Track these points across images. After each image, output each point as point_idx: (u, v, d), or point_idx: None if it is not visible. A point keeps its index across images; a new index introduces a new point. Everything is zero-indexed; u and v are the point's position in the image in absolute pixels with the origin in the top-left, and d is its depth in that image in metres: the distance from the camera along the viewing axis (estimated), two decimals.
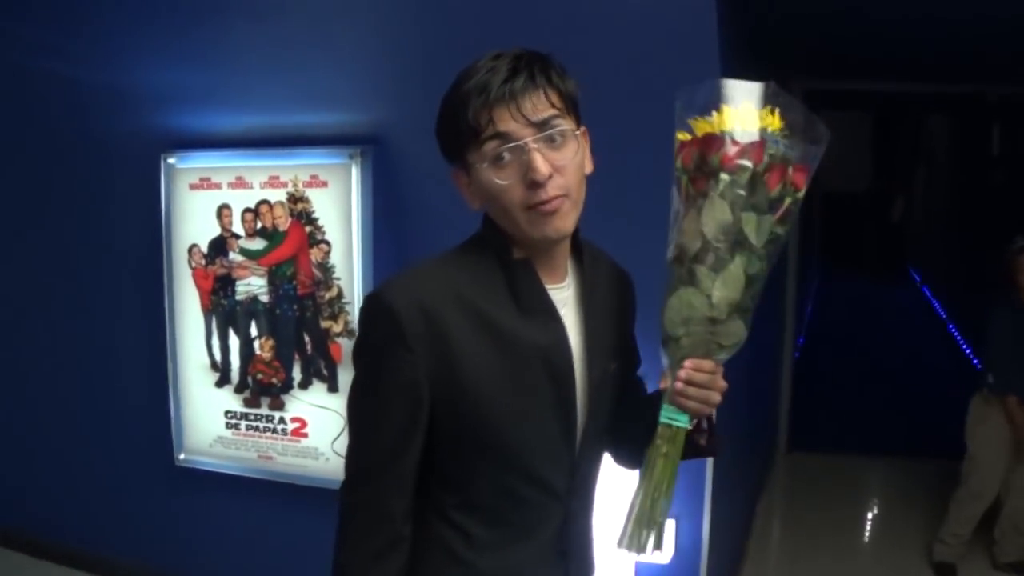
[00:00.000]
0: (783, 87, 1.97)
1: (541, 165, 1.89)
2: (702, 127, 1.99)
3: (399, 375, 1.96)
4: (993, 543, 6.15)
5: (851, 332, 15.17)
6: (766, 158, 1.95)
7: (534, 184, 1.90)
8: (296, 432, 4.75)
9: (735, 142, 1.95)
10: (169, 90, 4.95)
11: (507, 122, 1.90)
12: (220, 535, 5.26)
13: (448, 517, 2.08)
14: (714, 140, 1.97)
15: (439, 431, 2.02)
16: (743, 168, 1.95)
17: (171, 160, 4.85)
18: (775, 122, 1.97)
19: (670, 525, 4.01)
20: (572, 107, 2.00)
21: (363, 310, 2.04)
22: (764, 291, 2.07)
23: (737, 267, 1.99)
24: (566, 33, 4.13)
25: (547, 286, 2.06)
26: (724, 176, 1.95)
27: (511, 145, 1.91)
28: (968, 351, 11.67)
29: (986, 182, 12.38)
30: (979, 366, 6.37)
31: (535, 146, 1.90)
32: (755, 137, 1.96)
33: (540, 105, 1.91)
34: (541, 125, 1.91)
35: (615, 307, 2.25)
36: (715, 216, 1.96)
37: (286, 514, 4.90)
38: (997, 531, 6.12)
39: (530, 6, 4.18)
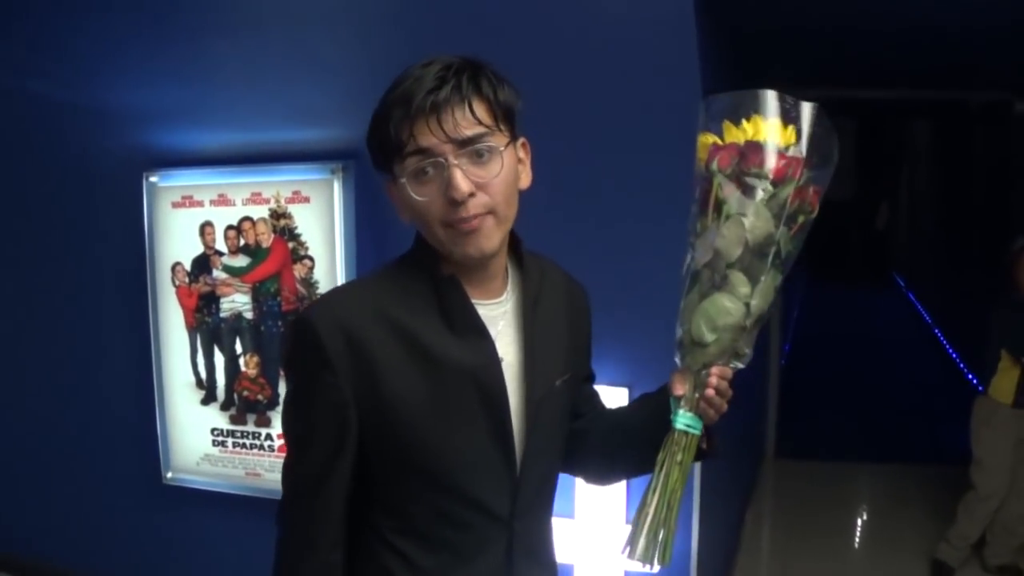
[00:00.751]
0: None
1: (461, 182, 1.85)
2: (734, 134, 1.97)
3: (324, 397, 1.94)
4: (984, 545, 6.15)
5: (837, 338, 15.18)
6: (805, 174, 1.96)
7: (453, 201, 1.86)
8: (283, 448, 4.73)
9: (783, 155, 1.94)
10: (149, 108, 4.94)
11: (427, 137, 1.86)
12: (208, 553, 5.24)
13: (389, 542, 2.05)
14: (758, 149, 1.95)
15: (371, 453, 2.00)
16: (788, 181, 1.94)
17: (153, 179, 4.84)
18: (791, 136, 1.96)
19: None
20: (505, 120, 1.95)
21: (291, 332, 2.02)
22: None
23: (772, 279, 1.99)
24: (546, 45, 4.15)
25: (480, 302, 2.03)
26: (769, 187, 1.94)
27: (431, 160, 1.87)
28: (955, 356, 11.69)
29: (969, 188, 12.42)
30: (972, 377, 6.38)
31: (455, 162, 1.86)
32: (802, 153, 1.95)
33: (463, 121, 1.86)
34: (464, 142, 1.86)
35: (564, 321, 2.21)
36: (760, 224, 1.95)
37: (274, 532, 4.89)
38: (988, 533, 6.12)
39: (510, 20, 4.20)
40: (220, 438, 4.91)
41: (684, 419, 2.01)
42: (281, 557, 2.05)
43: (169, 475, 5.09)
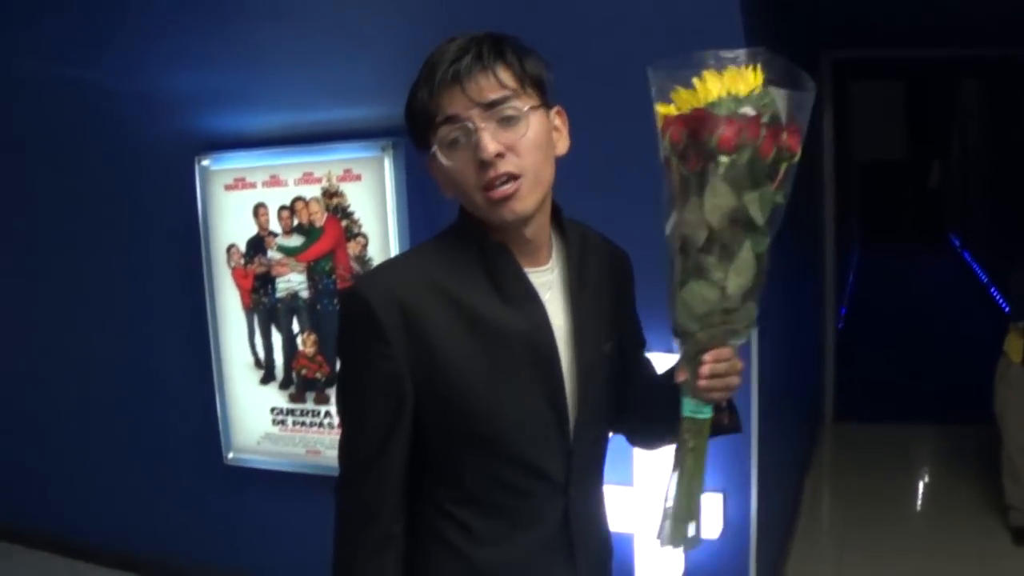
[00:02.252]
0: (813, 58, 1.95)
1: (488, 143, 1.86)
2: (685, 99, 1.90)
3: (379, 369, 1.95)
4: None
5: (893, 300, 15.09)
6: (762, 131, 1.85)
7: (483, 164, 1.88)
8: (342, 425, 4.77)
9: (730, 120, 1.84)
10: (199, 92, 4.99)
11: (454, 104, 1.88)
12: (272, 532, 5.29)
13: (446, 511, 2.05)
14: (705, 118, 1.86)
15: (427, 423, 2.00)
16: (743, 147, 1.85)
17: (205, 162, 4.89)
18: (757, 80, 1.88)
19: (717, 500, 4.03)
20: (533, 86, 1.96)
21: (341, 304, 2.06)
22: (771, 265, 1.99)
23: (747, 252, 1.92)
24: (590, 20, 4.15)
25: (528, 269, 2.03)
26: (723, 159, 1.85)
27: (459, 126, 1.89)
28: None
29: (1021, 144, 12.30)
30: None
31: (482, 125, 1.87)
32: (750, 112, 1.85)
33: (487, 85, 1.88)
34: (488, 105, 1.88)
35: (608, 287, 2.21)
36: (718, 203, 1.87)
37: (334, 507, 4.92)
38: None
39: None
40: (280, 417, 4.96)
41: (690, 406, 2.01)
42: (341, 530, 2.06)
43: (231, 455, 5.15)
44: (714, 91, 1.87)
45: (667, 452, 2.12)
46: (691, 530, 2.05)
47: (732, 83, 1.87)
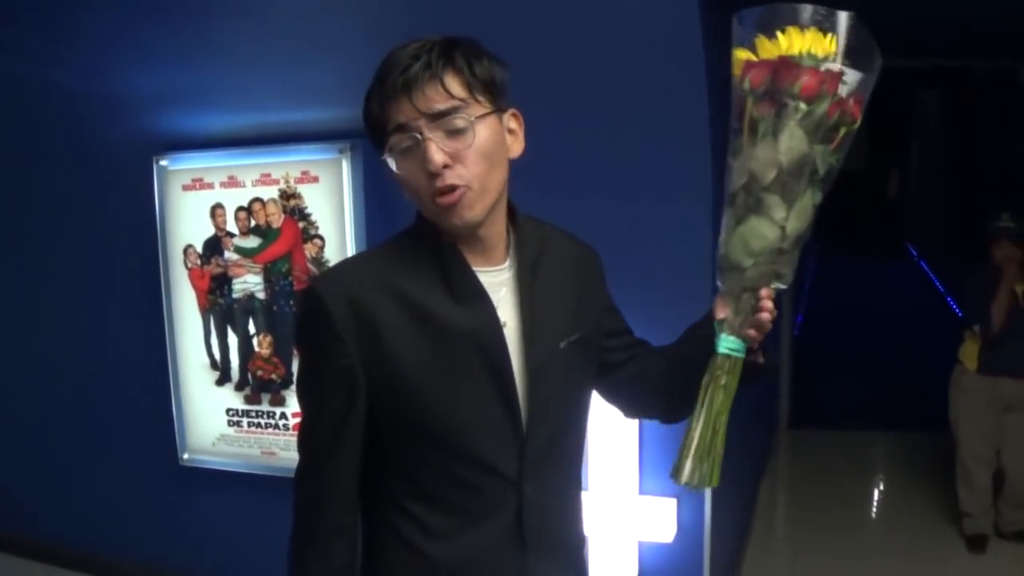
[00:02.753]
0: None
1: (434, 155, 1.89)
2: (769, 49, 1.94)
3: (333, 364, 2.00)
4: (997, 514, 6.19)
5: (849, 308, 15.18)
6: (842, 89, 1.92)
7: (430, 174, 1.91)
8: (298, 426, 4.76)
9: (815, 71, 1.90)
10: (158, 92, 4.97)
11: (403, 114, 1.91)
12: (227, 533, 5.28)
13: (402, 506, 2.08)
14: (791, 65, 1.91)
15: (380, 419, 2.04)
16: (822, 98, 1.91)
17: (163, 162, 4.87)
18: (831, 47, 1.91)
19: (671, 505, 4.06)
20: (485, 91, 1.97)
21: (299, 302, 2.13)
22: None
23: (808, 198, 1.99)
24: (551, 23, 4.16)
25: (482, 269, 2.06)
26: (803, 105, 1.91)
27: (408, 135, 1.92)
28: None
29: (978, 156, 12.40)
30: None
31: (429, 136, 1.90)
32: (835, 67, 1.91)
33: (434, 95, 1.91)
34: (435, 115, 1.91)
35: (570, 284, 2.22)
36: (793, 145, 1.93)
37: (291, 508, 4.92)
38: (1000, 502, 6.17)
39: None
40: (235, 418, 4.95)
41: (727, 343, 2.03)
42: (297, 519, 2.11)
43: (185, 456, 5.13)
44: (796, 46, 1.91)
45: (628, 458, 2.14)
46: (711, 468, 2.06)
47: (814, 43, 1.91)
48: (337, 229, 4.51)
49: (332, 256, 4.53)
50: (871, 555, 6.14)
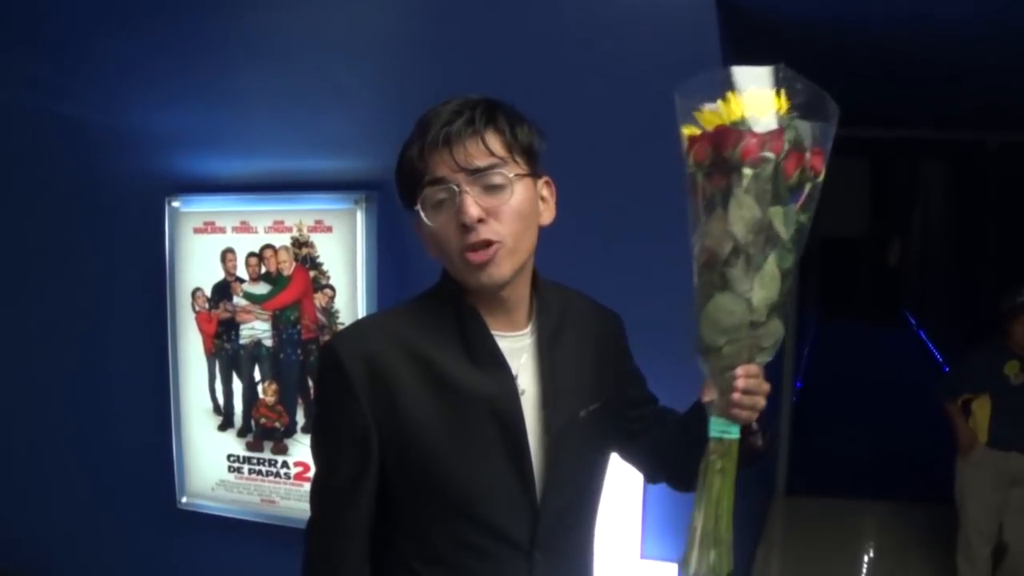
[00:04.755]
0: None
1: (470, 207, 1.91)
2: (710, 119, 1.93)
3: (348, 423, 2.00)
4: None
5: (848, 376, 15.17)
6: (785, 145, 1.89)
7: (464, 227, 1.92)
8: (299, 476, 4.76)
9: (753, 133, 1.88)
10: (173, 133, 4.97)
11: (442, 167, 1.94)
12: None
13: (411, 568, 2.06)
14: (729, 132, 1.90)
15: (393, 481, 2.03)
16: (766, 159, 1.88)
17: (175, 204, 4.87)
18: (781, 104, 1.90)
19: (672, 571, 4.04)
20: (523, 154, 2.01)
21: (319, 358, 2.11)
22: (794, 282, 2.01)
23: (772, 265, 1.93)
24: (567, 64, 4.17)
25: (503, 334, 2.06)
26: (747, 170, 1.88)
27: (444, 188, 1.94)
28: None
29: (982, 228, 12.42)
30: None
31: (467, 189, 1.92)
32: (773, 124, 1.89)
33: (475, 151, 1.93)
34: (475, 171, 1.93)
35: (592, 350, 2.22)
36: (743, 214, 1.90)
37: (288, 559, 4.88)
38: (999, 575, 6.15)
39: (536, 49, 4.23)
40: (236, 464, 4.92)
41: (718, 426, 1.99)
42: (308, 570, 2.10)
43: (184, 500, 5.10)
44: (737, 111, 1.89)
45: (630, 521, 2.15)
46: (720, 557, 2.02)
47: (755, 105, 1.90)
48: (348, 280, 4.51)
49: (342, 307, 4.53)
50: None
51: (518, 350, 2.08)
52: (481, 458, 2.01)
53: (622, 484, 4.02)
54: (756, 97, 1.90)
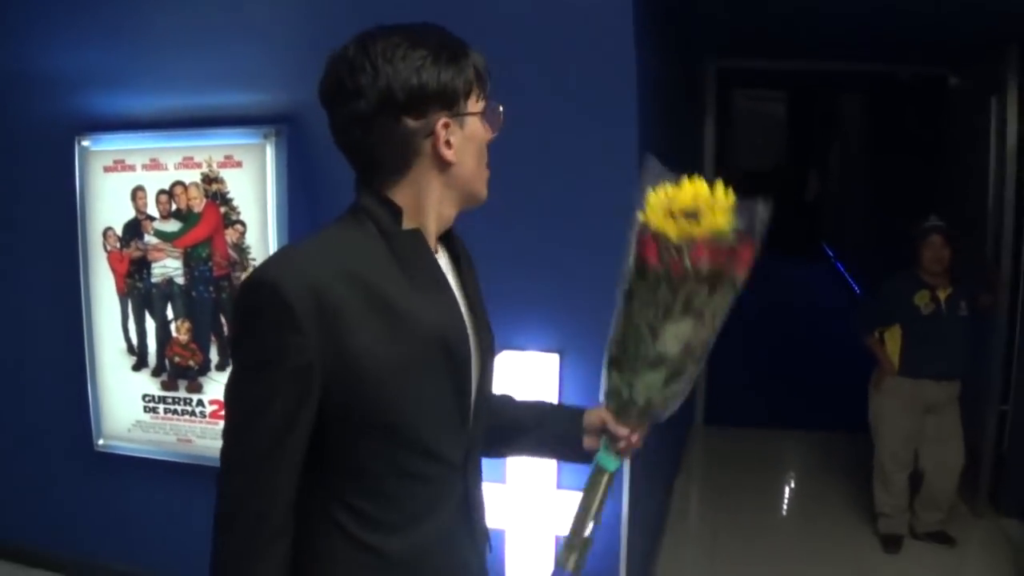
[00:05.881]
0: (698, 65, 2.03)
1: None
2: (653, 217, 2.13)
3: (288, 359, 1.86)
4: (912, 514, 6.26)
5: (766, 308, 15.27)
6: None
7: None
8: (215, 415, 4.74)
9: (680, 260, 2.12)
10: (80, 72, 4.90)
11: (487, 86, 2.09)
12: (142, 519, 5.23)
13: (348, 503, 2.01)
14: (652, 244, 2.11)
15: (331, 414, 1.94)
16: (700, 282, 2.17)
17: (85, 143, 4.81)
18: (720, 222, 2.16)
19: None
20: None
21: (246, 294, 1.93)
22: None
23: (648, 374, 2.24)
24: (479, 11, 4.14)
25: None
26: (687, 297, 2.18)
27: (498, 107, 2.10)
28: None
29: (898, 160, 12.51)
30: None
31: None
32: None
33: None
34: None
35: (475, 275, 2.26)
36: (683, 333, 2.23)
37: (207, 497, 4.85)
38: (915, 502, 6.24)
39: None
40: (151, 404, 4.90)
41: (611, 463, 2.31)
42: (227, 523, 1.96)
43: (101, 442, 5.08)
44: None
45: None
46: (585, 555, 2.30)
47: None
48: (259, 215, 4.48)
49: (253, 242, 4.50)
50: (785, 553, 6.18)
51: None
52: (427, 384, 1.99)
53: None
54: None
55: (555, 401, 2.52)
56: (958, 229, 6.11)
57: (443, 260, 2.12)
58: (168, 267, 4.71)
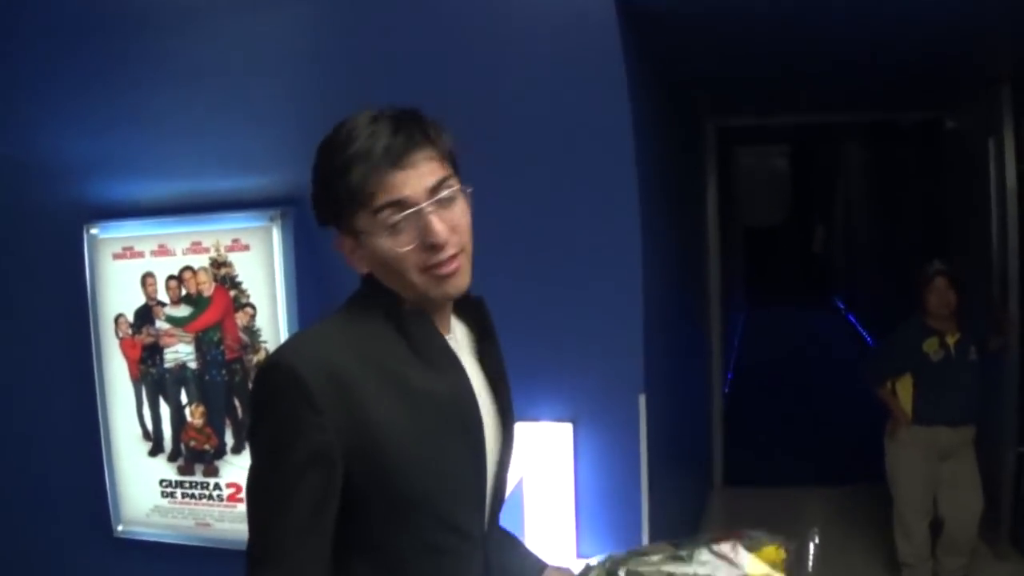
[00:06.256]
0: (697, 125, 2.05)
1: (440, 228, 1.90)
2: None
3: (309, 442, 1.85)
4: (935, 561, 6.24)
5: (779, 363, 15.27)
6: None
7: (432, 247, 1.91)
8: (232, 497, 4.74)
9: None
10: (88, 160, 4.93)
11: (400, 188, 1.90)
12: None
13: None
14: None
15: (354, 493, 1.92)
16: None
17: (93, 231, 4.83)
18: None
19: None
20: (452, 162, 2.01)
21: (262, 380, 1.95)
22: None
23: None
24: (477, 90, 4.20)
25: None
26: None
27: (407, 212, 1.90)
28: None
29: (903, 208, 12.53)
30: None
31: (430, 209, 1.91)
32: None
33: (427, 169, 1.92)
34: (433, 188, 1.92)
35: (493, 338, 2.24)
36: None
37: None
38: (938, 549, 6.22)
39: (442, 62, 4.26)
40: (169, 489, 4.90)
41: None
42: None
43: (120, 528, 5.06)
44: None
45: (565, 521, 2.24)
46: None
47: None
48: (268, 297, 4.50)
49: (264, 324, 4.52)
50: None
51: (454, 350, 2.08)
52: (447, 459, 1.99)
53: (555, 483, 4.04)
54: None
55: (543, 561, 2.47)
56: (964, 272, 6.13)
57: (460, 331, 2.14)
58: (180, 352, 4.72)
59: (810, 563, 2.38)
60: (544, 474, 4.04)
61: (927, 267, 6.10)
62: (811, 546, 2.42)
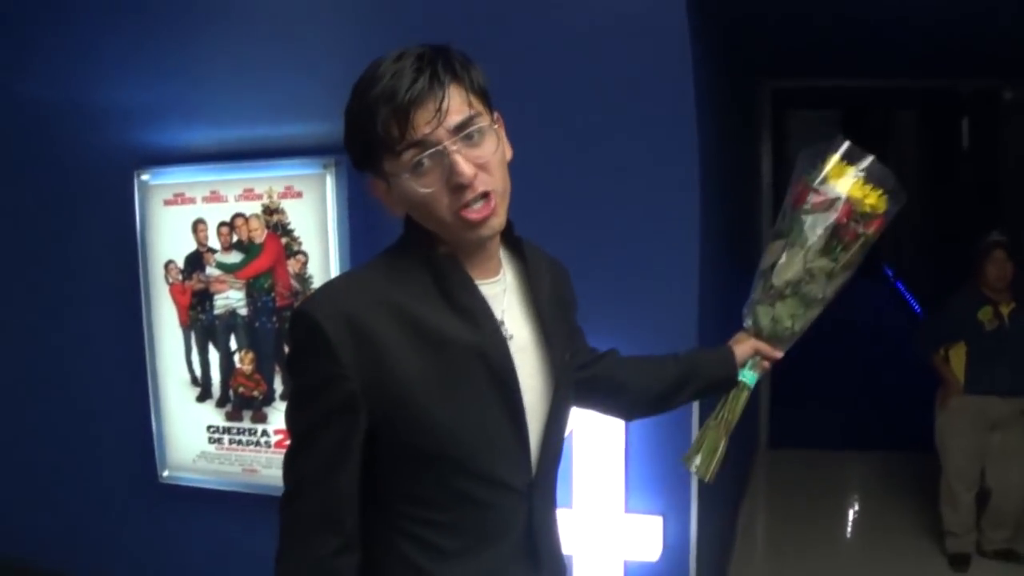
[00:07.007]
0: (753, 87, 2.05)
1: (464, 167, 1.85)
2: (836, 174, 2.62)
3: (331, 389, 1.89)
4: (980, 531, 6.20)
5: (828, 329, 15.19)
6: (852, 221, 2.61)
7: (459, 187, 1.87)
8: (279, 444, 4.75)
9: (820, 193, 2.62)
10: (140, 106, 4.93)
11: (421, 128, 1.85)
12: (206, 550, 5.22)
13: (408, 531, 2.00)
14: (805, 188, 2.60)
15: (382, 442, 1.95)
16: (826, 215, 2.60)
17: (144, 177, 4.84)
18: (867, 192, 2.62)
19: (657, 523, 4.04)
20: (482, 97, 1.95)
21: (290, 326, 1.99)
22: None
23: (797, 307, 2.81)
24: (536, 34, 4.16)
25: (480, 281, 2.02)
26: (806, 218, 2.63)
27: (430, 152, 1.86)
28: None
29: (957, 176, 12.43)
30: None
31: (454, 148, 1.86)
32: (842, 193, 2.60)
33: (452, 107, 1.86)
34: (457, 128, 1.87)
35: (558, 299, 2.22)
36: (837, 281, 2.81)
37: (271, 526, 4.85)
38: (982, 521, 6.19)
39: (501, 13, 4.21)
40: (216, 435, 4.91)
41: (749, 375, 2.71)
42: (289, 548, 1.98)
43: (166, 473, 5.09)
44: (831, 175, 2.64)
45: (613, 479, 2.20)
46: (718, 464, 2.69)
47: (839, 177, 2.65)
48: (320, 245, 4.49)
49: (315, 272, 4.52)
50: (853, 573, 6.14)
51: (496, 296, 2.05)
52: (476, 409, 1.97)
53: (604, 440, 4.02)
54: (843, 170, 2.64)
55: (686, 351, 2.72)
56: (1019, 243, 6.07)
57: (504, 283, 2.10)
58: (231, 298, 4.73)
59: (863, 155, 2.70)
60: (594, 429, 4.02)
61: (985, 237, 6.04)
62: (846, 144, 2.72)
